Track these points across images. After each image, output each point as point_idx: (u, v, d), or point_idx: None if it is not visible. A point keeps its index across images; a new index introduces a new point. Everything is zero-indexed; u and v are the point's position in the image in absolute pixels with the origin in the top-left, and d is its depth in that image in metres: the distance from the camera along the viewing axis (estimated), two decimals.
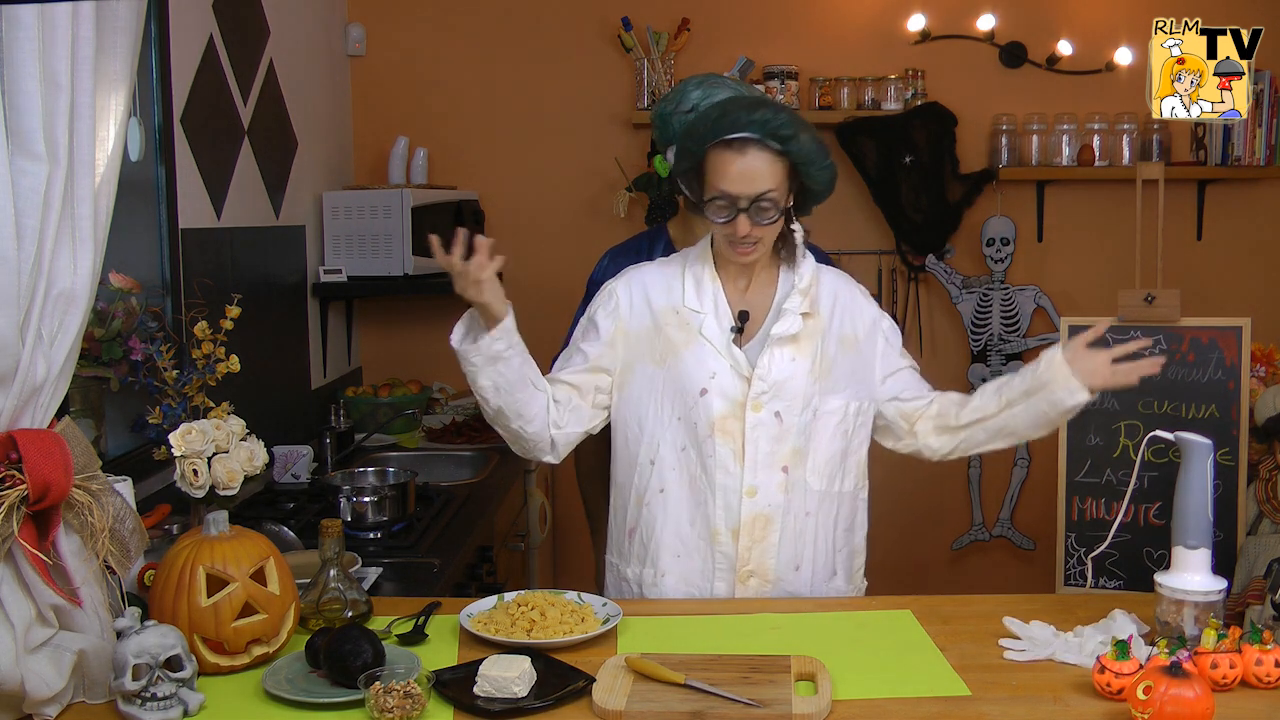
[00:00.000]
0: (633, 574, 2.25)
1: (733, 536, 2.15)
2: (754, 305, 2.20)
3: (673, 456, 2.18)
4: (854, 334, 2.23)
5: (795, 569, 2.18)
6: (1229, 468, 2.31)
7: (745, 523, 2.15)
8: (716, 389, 2.14)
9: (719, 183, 2.06)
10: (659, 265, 2.29)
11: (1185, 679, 1.55)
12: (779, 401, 2.15)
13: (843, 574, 2.25)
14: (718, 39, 4.32)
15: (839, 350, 2.21)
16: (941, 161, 4.29)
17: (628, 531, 2.25)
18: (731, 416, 2.14)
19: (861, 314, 2.25)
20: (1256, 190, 4.44)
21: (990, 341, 4.41)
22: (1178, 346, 2.38)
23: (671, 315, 2.20)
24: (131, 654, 1.60)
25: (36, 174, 1.56)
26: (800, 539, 2.18)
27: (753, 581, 2.16)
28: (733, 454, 2.14)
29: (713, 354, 2.16)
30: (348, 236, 3.87)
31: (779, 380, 2.15)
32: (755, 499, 2.14)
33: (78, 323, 1.65)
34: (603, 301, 2.26)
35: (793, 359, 2.16)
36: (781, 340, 2.16)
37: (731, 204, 2.06)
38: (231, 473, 2.11)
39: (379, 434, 3.75)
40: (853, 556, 2.27)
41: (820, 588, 2.21)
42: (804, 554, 2.18)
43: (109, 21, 1.67)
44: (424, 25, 4.36)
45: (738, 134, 2.04)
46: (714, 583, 2.18)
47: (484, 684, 1.66)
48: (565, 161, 4.39)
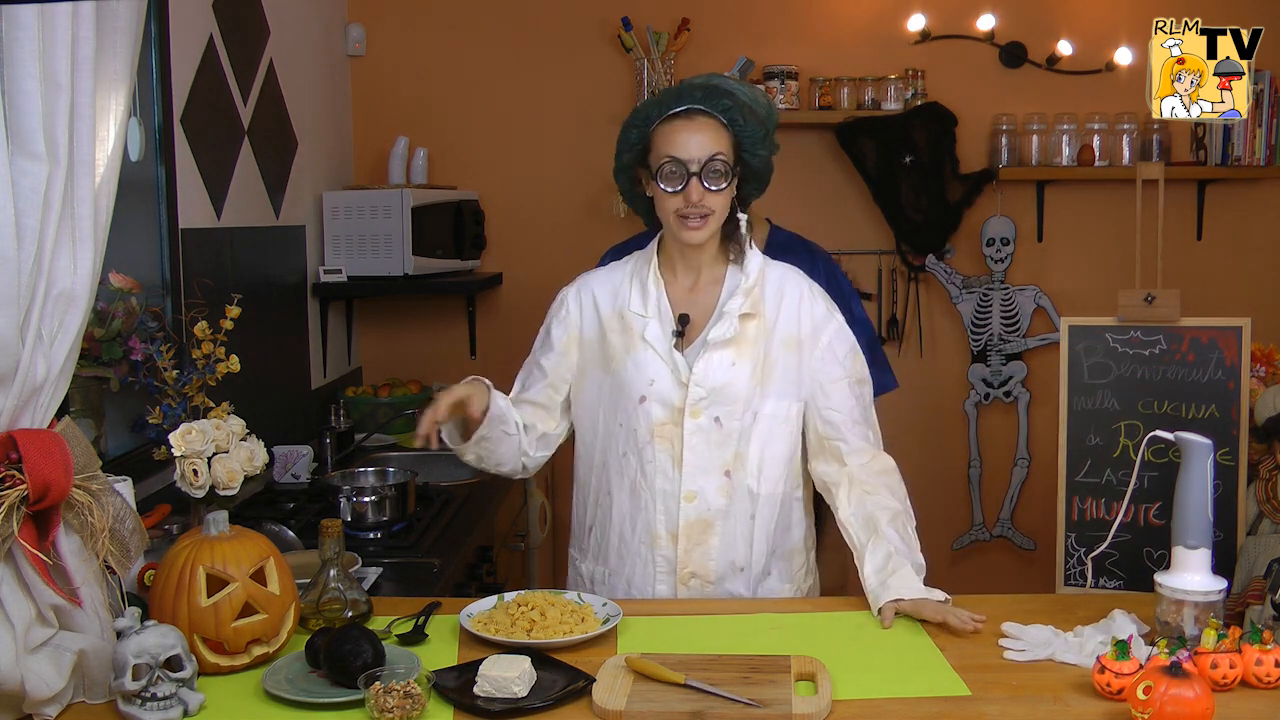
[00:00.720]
0: (587, 570, 2.27)
1: (672, 540, 2.16)
2: (699, 306, 2.18)
3: (616, 462, 2.19)
4: (797, 334, 2.17)
5: (740, 570, 2.18)
6: (1229, 468, 2.31)
7: (684, 527, 2.15)
8: (655, 395, 2.14)
9: (668, 150, 2.07)
10: (608, 270, 2.29)
11: (1185, 679, 1.55)
12: (718, 407, 2.13)
13: (777, 574, 2.22)
14: (718, 39, 4.32)
15: (782, 351, 2.16)
16: (941, 161, 4.29)
17: (587, 528, 2.28)
18: (670, 423, 2.14)
19: (808, 312, 2.18)
20: (1256, 190, 4.44)
21: (990, 341, 4.41)
22: (1178, 346, 2.38)
23: (616, 320, 2.19)
24: (131, 654, 1.60)
25: (36, 174, 1.56)
26: (744, 540, 2.17)
27: (694, 582, 2.17)
28: (671, 460, 2.14)
29: (654, 359, 2.15)
30: (348, 236, 3.87)
31: (717, 386, 2.12)
32: (694, 504, 2.14)
33: (78, 323, 1.65)
34: (555, 310, 2.28)
35: (732, 363, 2.13)
36: (719, 344, 2.13)
37: (682, 169, 2.06)
38: (231, 473, 2.11)
39: (379, 434, 3.75)
40: (791, 557, 2.24)
41: (756, 588, 2.20)
42: (746, 555, 2.18)
43: (109, 21, 1.67)
44: (424, 25, 4.36)
45: (683, 106, 2.09)
46: (655, 585, 2.18)
47: (484, 684, 1.66)
48: (565, 161, 4.39)
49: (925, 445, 4.45)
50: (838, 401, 2.18)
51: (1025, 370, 4.42)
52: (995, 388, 4.44)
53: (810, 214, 4.11)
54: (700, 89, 2.12)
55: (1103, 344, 2.43)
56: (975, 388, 4.45)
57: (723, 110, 2.09)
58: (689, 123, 2.08)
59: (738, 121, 2.10)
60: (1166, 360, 2.40)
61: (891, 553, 2.05)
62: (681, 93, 2.11)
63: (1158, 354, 2.41)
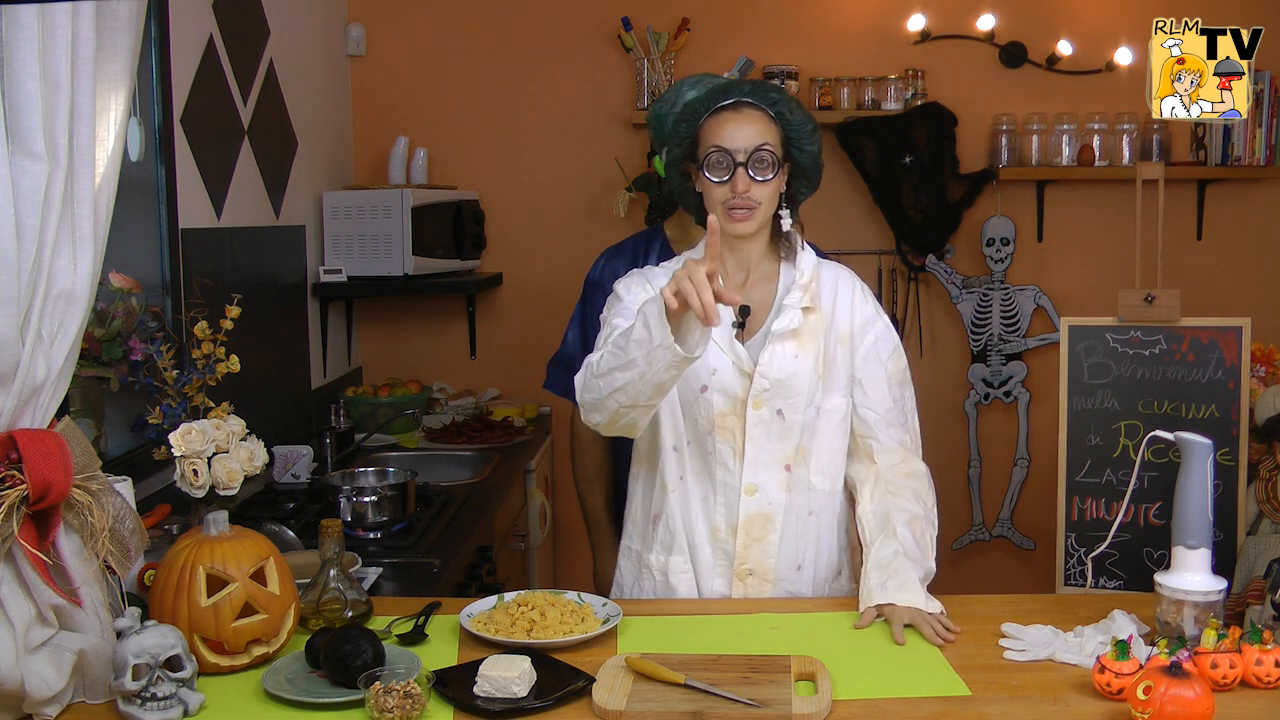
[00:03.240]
0: (657, 561, 2.22)
1: (732, 534, 2.15)
2: (754, 301, 2.17)
3: (677, 454, 2.18)
4: (849, 330, 2.19)
5: (797, 569, 2.17)
6: (1229, 468, 2.31)
7: (744, 521, 2.14)
8: (717, 385, 2.13)
9: (714, 140, 2.08)
10: (662, 268, 2.27)
11: (1185, 679, 1.55)
12: (781, 399, 2.13)
13: (847, 572, 2.24)
14: (718, 39, 4.32)
15: (838, 346, 2.18)
16: (941, 161, 4.29)
17: (652, 517, 2.23)
18: (732, 414, 2.13)
19: (860, 310, 2.21)
20: (1256, 190, 4.44)
21: (990, 341, 4.41)
22: (1178, 346, 2.38)
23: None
24: (131, 654, 1.60)
25: (36, 174, 1.56)
26: (802, 539, 2.17)
27: (751, 580, 2.15)
28: (732, 451, 2.13)
29: (714, 350, 2.13)
30: (348, 236, 3.87)
31: (781, 377, 2.12)
32: (754, 497, 2.14)
33: (78, 323, 1.65)
34: (626, 284, 2.22)
35: (795, 355, 2.13)
36: (783, 336, 2.13)
37: (729, 159, 2.06)
38: (231, 473, 2.11)
39: (379, 434, 3.75)
40: (853, 553, 2.25)
41: (823, 587, 2.20)
42: (806, 554, 2.18)
43: (109, 21, 1.67)
44: (424, 25, 4.36)
45: (731, 99, 2.10)
46: (714, 579, 2.17)
47: (484, 684, 1.66)
48: (565, 161, 4.39)
49: (925, 445, 4.43)
50: (875, 400, 2.18)
51: (1025, 370, 4.42)
52: (995, 388, 4.44)
53: (810, 214, 4.08)
54: (749, 83, 2.13)
55: (1103, 344, 2.44)
56: (975, 388, 4.46)
57: (771, 103, 2.10)
58: (736, 114, 2.09)
59: (785, 115, 2.11)
60: (1166, 360, 2.40)
61: (898, 552, 2.05)
62: (730, 87, 2.13)
63: (1158, 354, 2.41)
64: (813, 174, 2.18)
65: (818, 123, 2.18)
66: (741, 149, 2.06)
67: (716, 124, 2.09)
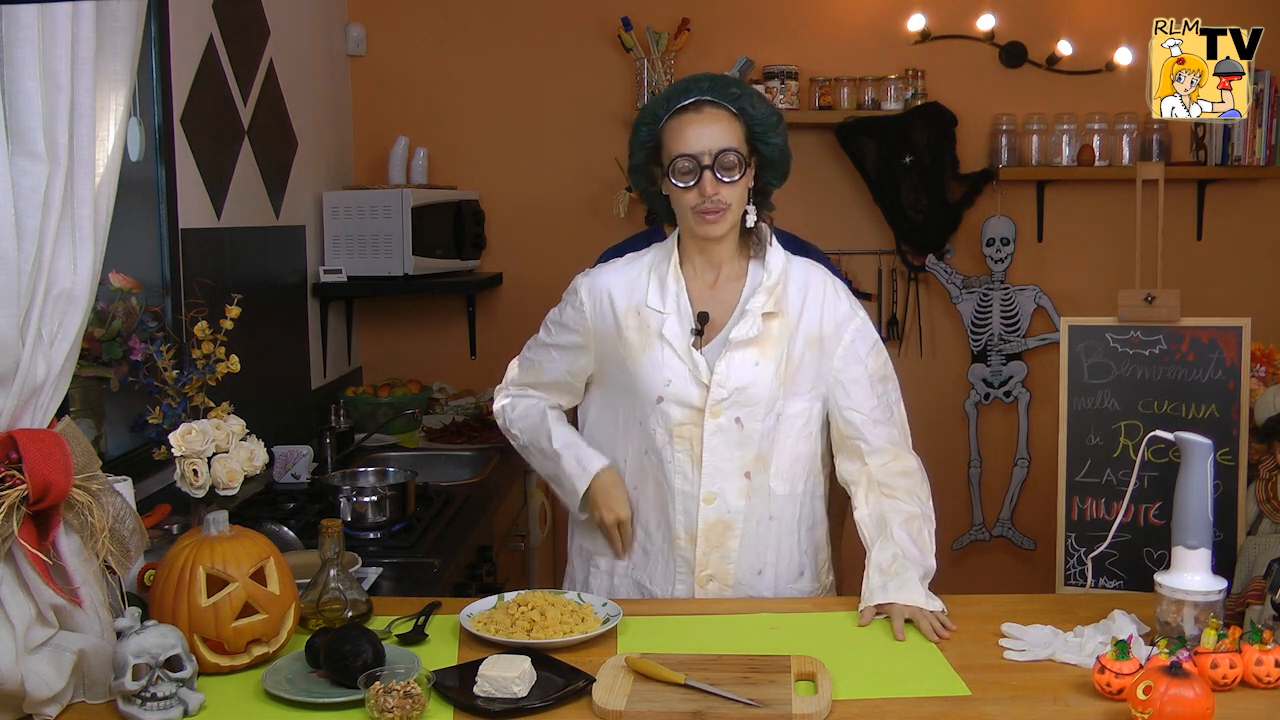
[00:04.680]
0: (607, 565, 2.24)
1: (691, 542, 2.14)
2: (720, 303, 2.14)
3: (637, 459, 2.18)
4: (819, 332, 2.15)
5: (758, 573, 2.17)
6: (1229, 468, 2.31)
7: (703, 529, 2.13)
8: (672, 396, 2.11)
9: (679, 147, 2.04)
10: (624, 263, 2.23)
11: (1185, 679, 1.55)
12: (740, 408, 2.10)
13: (809, 573, 2.23)
14: (718, 39, 4.32)
15: (805, 350, 2.14)
16: (941, 161, 4.29)
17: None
18: (689, 423, 2.11)
19: (831, 310, 2.16)
20: (1256, 190, 4.44)
21: (990, 341, 4.41)
22: (1178, 346, 2.38)
23: (632, 316, 2.15)
24: (131, 654, 1.60)
25: (36, 174, 1.56)
26: (762, 543, 2.16)
27: (712, 585, 2.15)
28: (690, 460, 2.12)
29: (671, 358, 2.11)
30: (348, 236, 3.87)
31: (739, 386, 2.09)
32: (714, 505, 2.12)
33: (78, 323, 1.65)
34: (569, 301, 2.24)
35: (755, 363, 2.10)
36: (741, 344, 2.09)
37: (694, 163, 2.03)
38: (231, 473, 2.11)
39: (379, 434, 3.75)
40: (816, 554, 2.24)
41: (785, 589, 2.19)
42: (766, 558, 2.17)
43: (109, 21, 1.67)
44: (424, 25, 4.36)
45: (690, 99, 2.06)
46: (674, 585, 2.17)
47: (484, 684, 1.66)
48: (565, 161, 4.39)
49: (925, 445, 4.39)
50: (858, 401, 2.16)
51: (1025, 370, 4.42)
52: (995, 388, 4.44)
53: (810, 214, 4.11)
54: (706, 80, 2.09)
55: (1103, 344, 2.43)
56: (975, 388, 4.46)
57: (731, 99, 2.06)
58: (698, 115, 2.05)
59: (747, 110, 2.07)
60: (1166, 360, 2.40)
61: (897, 555, 2.04)
62: (688, 86, 2.09)
63: (1158, 354, 2.41)
64: (780, 165, 2.14)
65: (781, 113, 2.14)
66: (706, 151, 2.03)
67: (678, 126, 2.05)
